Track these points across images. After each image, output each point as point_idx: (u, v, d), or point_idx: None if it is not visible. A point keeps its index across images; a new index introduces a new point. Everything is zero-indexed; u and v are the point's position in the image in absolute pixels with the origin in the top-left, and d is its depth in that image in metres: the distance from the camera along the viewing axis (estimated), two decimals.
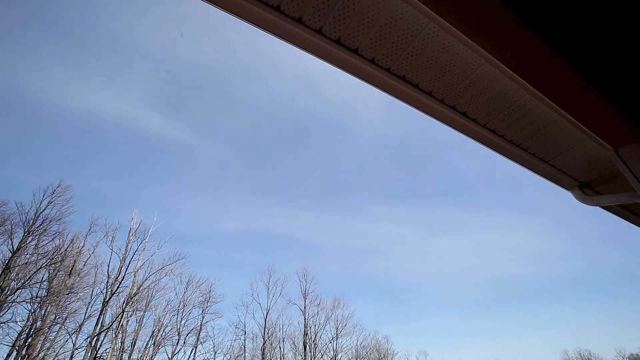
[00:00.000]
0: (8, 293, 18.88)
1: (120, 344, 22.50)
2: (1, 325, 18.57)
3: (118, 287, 22.11)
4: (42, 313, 20.21)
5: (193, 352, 25.90)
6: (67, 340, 20.76)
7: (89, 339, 20.49)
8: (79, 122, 43.54)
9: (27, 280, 19.68)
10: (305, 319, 27.99)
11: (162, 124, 51.27)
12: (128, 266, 23.05)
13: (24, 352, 18.93)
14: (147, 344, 23.98)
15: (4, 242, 19.95)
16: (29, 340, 19.21)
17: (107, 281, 22.45)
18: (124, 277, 22.60)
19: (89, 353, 20.02)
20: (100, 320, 21.17)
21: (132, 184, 49.60)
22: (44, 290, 20.62)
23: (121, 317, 21.79)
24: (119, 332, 21.93)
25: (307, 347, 26.80)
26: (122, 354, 22.37)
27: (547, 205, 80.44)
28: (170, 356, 24.83)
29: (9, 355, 18.74)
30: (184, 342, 25.61)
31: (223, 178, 62.30)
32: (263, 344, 27.12)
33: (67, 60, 40.46)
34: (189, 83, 55.35)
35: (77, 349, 20.48)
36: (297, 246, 62.82)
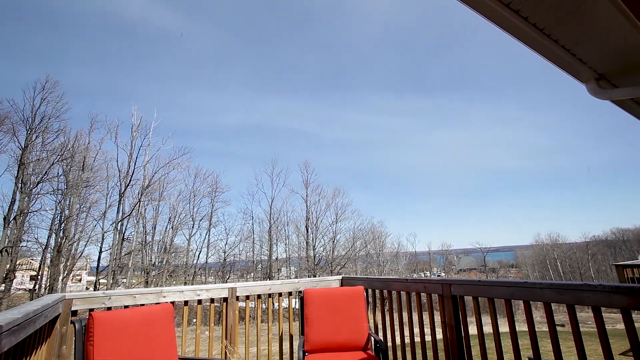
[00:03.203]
0: (31, 187, 20.27)
1: (142, 227, 25.41)
2: (34, 213, 20.66)
3: (130, 180, 23.56)
4: (67, 203, 22.14)
5: (207, 234, 29.47)
6: (95, 225, 23.40)
7: (114, 224, 23.04)
8: (48, 9, 38.25)
9: (44, 175, 20.83)
10: (307, 206, 30.77)
11: (144, 6, 44.98)
12: (136, 161, 24.02)
13: (61, 234, 21.59)
14: (165, 228, 27.10)
15: (9, 140, 20.28)
16: (63, 225, 21.64)
17: (119, 175, 23.78)
18: (134, 171, 23.82)
19: (117, 235, 22.84)
20: (121, 209, 23.37)
21: (122, 77, 46.94)
22: (63, 184, 22.05)
23: (139, 206, 23.95)
24: (139, 218, 24.46)
25: (309, 230, 30.34)
26: (145, 236, 25.52)
27: (549, 102, 77.82)
28: (187, 237, 28.41)
29: (49, 236, 21.52)
30: (199, 226, 28.88)
31: (219, 68, 58.33)
32: (269, 227, 30.60)
33: None
34: None
35: (105, 232, 23.25)
36: (298, 138, 63.73)
